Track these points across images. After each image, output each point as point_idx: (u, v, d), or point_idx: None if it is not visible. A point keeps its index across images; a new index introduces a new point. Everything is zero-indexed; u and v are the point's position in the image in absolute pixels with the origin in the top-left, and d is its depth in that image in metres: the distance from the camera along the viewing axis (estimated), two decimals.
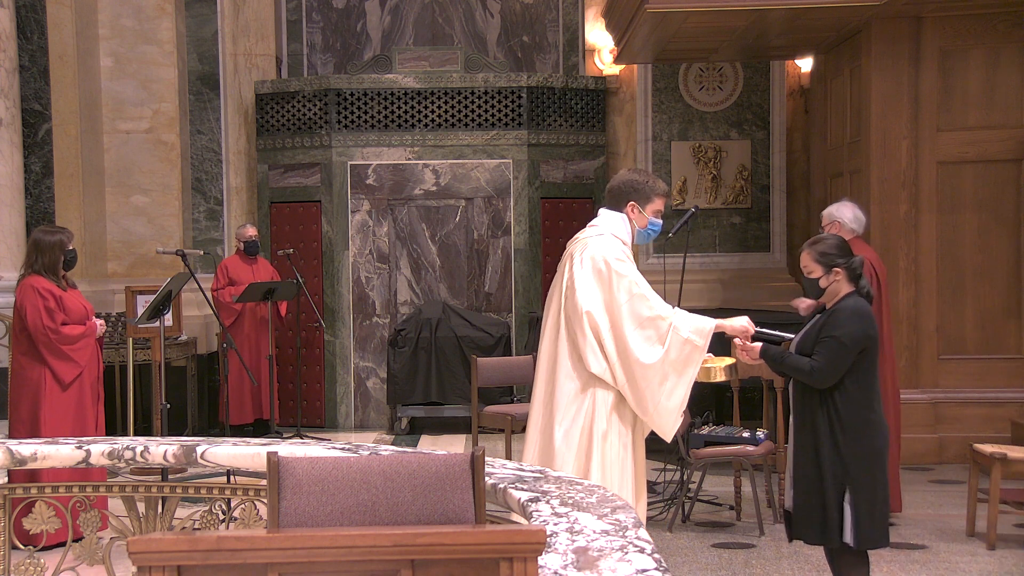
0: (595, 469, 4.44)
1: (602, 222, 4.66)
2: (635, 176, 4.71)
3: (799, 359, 4.63)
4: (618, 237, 4.60)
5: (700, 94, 10.64)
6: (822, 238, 4.81)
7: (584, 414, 4.47)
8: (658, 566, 2.30)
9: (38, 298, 6.19)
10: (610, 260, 4.48)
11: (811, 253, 4.72)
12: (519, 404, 7.83)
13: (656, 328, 4.43)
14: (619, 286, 4.45)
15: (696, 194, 10.59)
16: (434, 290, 10.51)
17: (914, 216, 8.51)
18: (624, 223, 4.64)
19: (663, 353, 4.41)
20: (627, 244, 4.63)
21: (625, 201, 4.65)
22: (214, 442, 3.94)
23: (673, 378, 4.43)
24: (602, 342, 4.44)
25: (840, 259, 4.67)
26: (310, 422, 10.46)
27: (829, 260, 4.67)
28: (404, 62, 10.63)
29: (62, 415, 6.24)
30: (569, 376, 4.50)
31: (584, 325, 4.44)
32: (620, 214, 4.65)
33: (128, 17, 9.93)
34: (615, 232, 4.61)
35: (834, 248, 4.71)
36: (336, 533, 2.14)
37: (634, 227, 4.67)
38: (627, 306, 4.44)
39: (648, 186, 4.67)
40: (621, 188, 4.68)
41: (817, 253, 4.70)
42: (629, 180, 4.69)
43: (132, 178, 10.02)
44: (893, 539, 6.42)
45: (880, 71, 8.48)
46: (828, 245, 4.73)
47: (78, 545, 3.98)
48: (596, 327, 4.44)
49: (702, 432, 6.69)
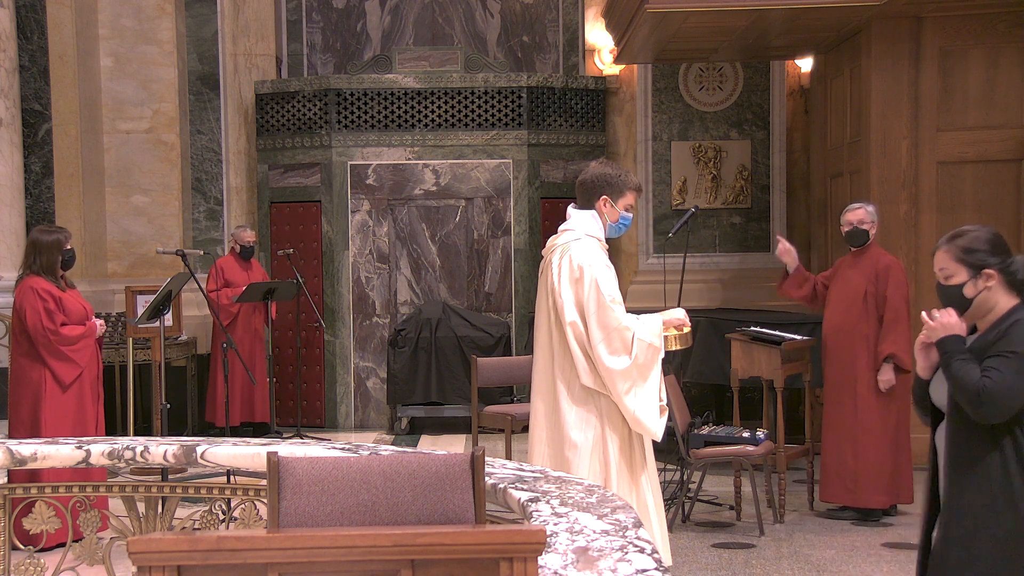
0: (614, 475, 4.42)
1: (576, 223, 4.58)
2: (607, 169, 4.62)
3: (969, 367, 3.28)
4: (593, 236, 4.55)
5: (700, 94, 10.64)
6: (965, 231, 3.50)
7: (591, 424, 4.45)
8: (658, 566, 2.30)
9: (37, 299, 6.18)
10: (584, 266, 4.44)
11: (950, 250, 3.47)
12: (519, 404, 7.83)
13: (622, 338, 4.41)
14: (589, 295, 4.42)
15: (696, 194, 10.58)
16: (434, 290, 10.51)
17: (914, 216, 8.51)
18: (596, 220, 4.58)
19: (631, 362, 4.40)
20: (602, 241, 4.59)
21: (598, 195, 4.57)
22: (214, 442, 3.95)
23: (640, 382, 4.43)
24: (588, 351, 4.44)
25: (993, 258, 3.41)
26: (310, 422, 10.45)
27: (977, 260, 3.42)
28: (404, 62, 10.63)
29: (62, 416, 6.24)
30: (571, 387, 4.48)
31: (570, 337, 4.44)
32: (591, 211, 4.58)
33: (128, 17, 9.93)
34: (589, 232, 4.55)
35: (984, 243, 3.44)
36: (336, 533, 2.14)
37: (605, 221, 4.59)
38: (596, 316, 4.42)
39: (621, 180, 4.58)
40: (594, 182, 4.58)
41: (959, 250, 3.45)
42: (602, 174, 4.59)
43: (132, 178, 10.02)
44: (893, 539, 6.44)
45: (880, 71, 8.47)
46: (974, 239, 3.45)
47: (78, 545, 3.98)
48: (581, 336, 4.44)
49: (702, 432, 6.69)
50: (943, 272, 3.44)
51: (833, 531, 6.64)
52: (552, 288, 4.49)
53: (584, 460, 4.41)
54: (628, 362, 4.40)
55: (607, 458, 4.42)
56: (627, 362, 4.40)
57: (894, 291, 6.83)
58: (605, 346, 4.40)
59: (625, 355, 4.40)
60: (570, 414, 4.46)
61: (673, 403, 6.56)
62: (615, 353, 4.40)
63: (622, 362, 4.40)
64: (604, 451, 4.43)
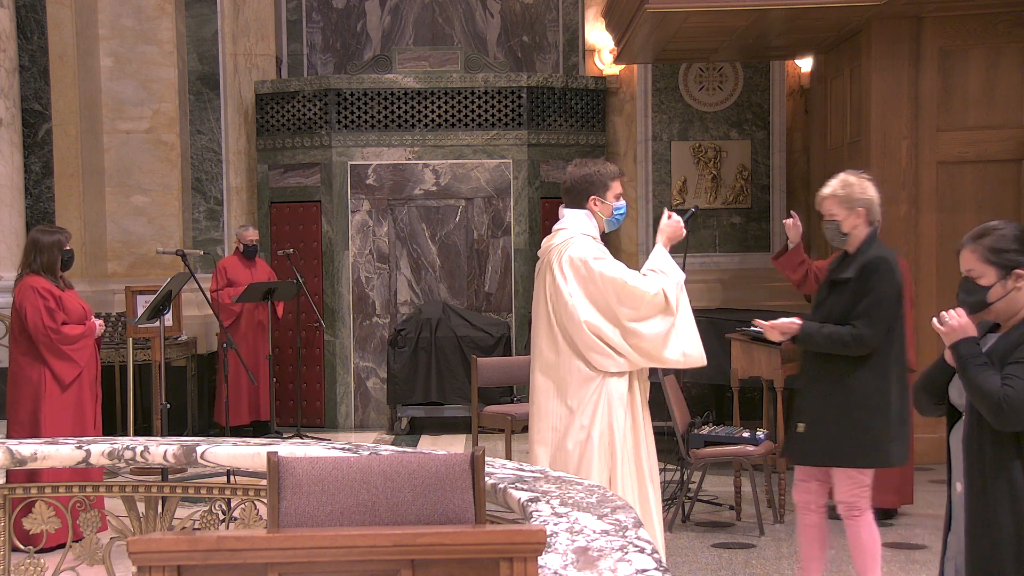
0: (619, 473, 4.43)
1: (569, 224, 4.59)
2: (585, 170, 4.62)
3: (988, 374, 3.21)
4: (588, 235, 4.56)
5: (700, 94, 10.64)
6: (991, 228, 3.35)
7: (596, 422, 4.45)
8: (658, 566, 2.30)
9: (38, 298, 6.18)
10: (588, 259, 4.46)
11: (976, 250, 3.33)
12: (519, 404, 7.83)
13: (654, 304, 4.44)
14: (604, 285, 4.43)
15: (696, 194, 10.58)
16: (434, 290, 10.51)
17: (914, 216, 8.51)
18: (589, 219, 4.59)
19: (673, 317, 4.45)
20: (597, 239, 4.60)
21: (586, 197, 4.58)
22: (214, 442, 3.94)
23: (680, 326, 4.48)
24: (608, 341, 4.43)
25: (1023, 256, 3.27)
26: (310, 422, 10.46)
27: (1007, 260, 3.29)
28: (404, 62, 10.63)
29: (62, 415, 6.24)
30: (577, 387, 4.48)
31: (586, 334, 4.42)
32: (583, 211, 4.60)
33: (128, 17, 9.93)
34: (583, 231, 4.56)
35: (1013, 241, 3.29)
36: (336, 533, 2.14)
37: (600, 219, 4.61)
38: (617, 299, 4.42)
39: (601, 174, 4.59)
40: (578, 186, 4.59)
41: (986, 250, 3.31)
42: (582, 176, 4.59)
43: (132, 178, 10.02)
44: (893, 539, 6.44)
45: (880, 71, 8.48)
46: (1001, 238, 3.30)
47: (78, 545, 3.98)
48: (598, 330, 4.43)
49: (702, 432, 6.69)
50: (971, 273, 3.33)
51: (833, 531, 6.63)
52: (559, 290, 4.49)
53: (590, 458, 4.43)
54: (670, 321, 4.45)
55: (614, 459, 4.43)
56: (668, 322, 4.45)
57: None
58: (639, 322, 4.42)
59: (659, 316, 4.43)
60: (576, 415, 4.46)
61: (673, 403, 6.56)
62: (651, 319, 4.43)
63: (663, 324, 4.44)
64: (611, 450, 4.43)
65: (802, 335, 4.71)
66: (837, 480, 4.80)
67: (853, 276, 4.68)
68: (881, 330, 4.61)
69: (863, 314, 4.61)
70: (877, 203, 4.77)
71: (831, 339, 4.64)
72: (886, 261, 4.68)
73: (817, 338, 4.68)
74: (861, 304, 4.62)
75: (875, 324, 4.60)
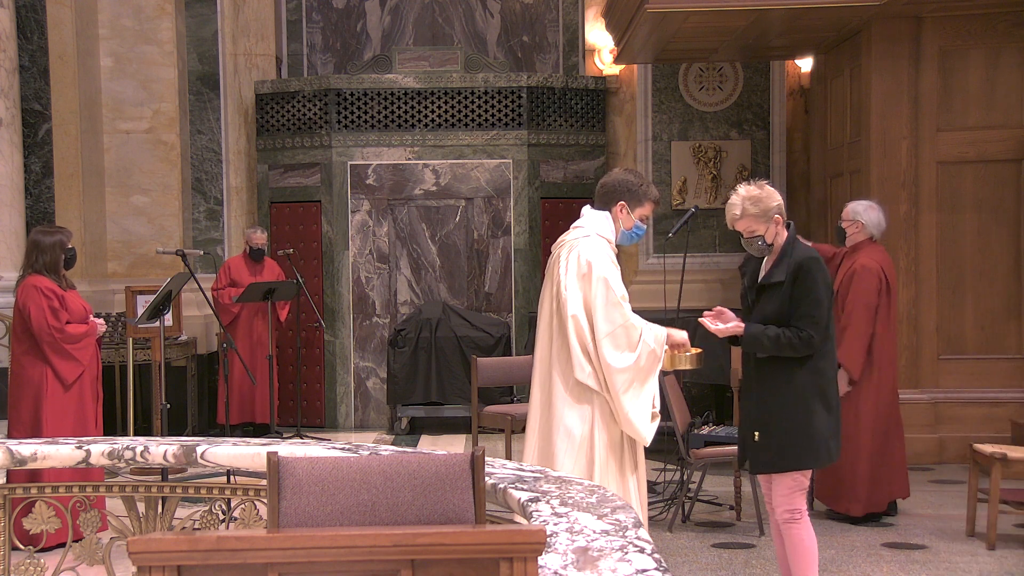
0: (598, 471, 4.45)
1: (587, 222, 4.65)
2: (631, 177, 4.71)
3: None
4: (603, 236, 4.61)
5: (700, 94, 10.64)
6: None
7: (583, 418, 4.48)
8: (658, 566, 2.30)
9: (42, 297, 6.18)
10: (593, 262, 4.49)
11: None
12: (519, 404, 7.83)
13: (628, 336, 4.45)
14: (597, 290, 4.47)
15: (696, 194, 10.58)
16: (434, 290, 10.51)
17: (914, 216, 8.51)
18: (609, 222, 4.64)
19: (634, 359, 4.44)
20: (611, 243, 4.64)
21: (616, 200, 4.65)
22: (214, 442, 3.94)
23: (637, 385, 4.46)
24: (586, 346, 4.46)
25: None
26: (310, 422, 10.46)
27: None
28: (404, 62, 10.63)
29: (63, 415, 6.24)
30: (567, 380, 4.51)
31: (570, 330, 4.46)
32: (606, 213, 4.66)
33: (128, 17, 9.93)
34: (600, 232, 4.61)
35: None
36: (336, 533, 2.14)
37: (619, 227, 4.66)
38: (603, 310, 4.45)
39: (642, 189, 4.67)
40: (616, 187, 4.67)
41: None
42: (624, 180, 4.68)
43: (132, 178, 10.02)
44: (893, 539, 6.44)
45: (880, 71, 8.48)
46: None
47: (78, 545, 3.98)
48: (581, 331, 4.46)
49: (702, 432, 6.69)
50: None
51: (833, 531, 6.64)
52: (558, 281, 4.53)
53: (571, 453, 4.46)
54: (632, 359, 4.44)
55: (593, 455, 4.46)
56: (631, 359, 4.43)
57: (853, 297, 6.69)
58: (610, 340, 4.43)
59: (629, 352, 4.44)
60: (564, 407, 4.50)
61: (673, 403, 6.56)
62: (619, 349, 4.44)
63: (625, 359, 4.44)
64: (591, 447, 4.46)
65: (747, 337, 4.71)
66: (778, 485, 4.76)
67: (786, 279, 4.68)
68: (822, 329, 4.65)
69: (806, 316, 4.64)
70: (782, 201, 4.79)
71: (778, 342, 4.64)
72: (816, 261, 4.72)
73: (763, 340, 4.66)
74: (802, 307, 4.64)
75: (817, 324, 4.63)
